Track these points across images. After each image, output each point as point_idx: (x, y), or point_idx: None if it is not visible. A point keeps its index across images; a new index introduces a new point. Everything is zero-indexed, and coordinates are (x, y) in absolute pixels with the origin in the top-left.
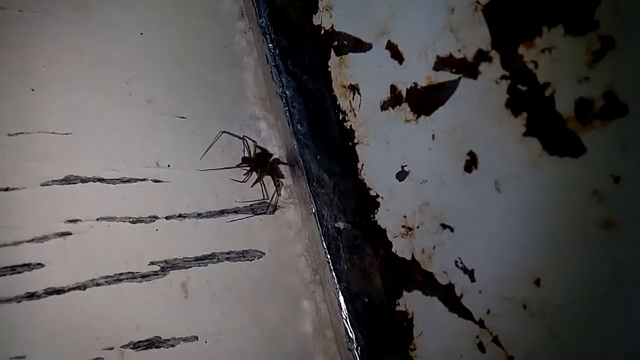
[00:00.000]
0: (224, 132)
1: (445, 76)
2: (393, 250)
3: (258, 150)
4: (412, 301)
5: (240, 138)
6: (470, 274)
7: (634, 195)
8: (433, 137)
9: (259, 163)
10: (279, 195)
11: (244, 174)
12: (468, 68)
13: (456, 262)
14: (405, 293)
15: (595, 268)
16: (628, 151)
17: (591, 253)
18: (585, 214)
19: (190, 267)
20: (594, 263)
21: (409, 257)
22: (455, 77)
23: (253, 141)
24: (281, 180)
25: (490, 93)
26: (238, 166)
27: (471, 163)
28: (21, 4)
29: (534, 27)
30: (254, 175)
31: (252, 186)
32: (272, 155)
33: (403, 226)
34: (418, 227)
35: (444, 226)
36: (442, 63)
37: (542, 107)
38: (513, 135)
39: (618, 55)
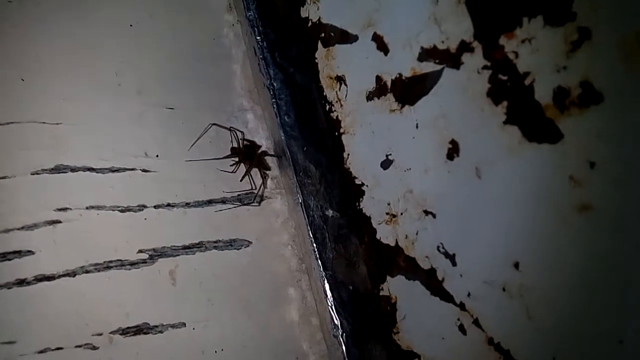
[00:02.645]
0: (213, 124)
1: (429, 67)
2: (377, 236)
3: (246, 142)
4: (396, 286)
5: (227, 129)
6: (452, 258)
7: (608, 180)
8: (417, 126)
9: (247, 155)
10: (265, 187)
11: (231, 165)
12: (451, 59)
13: (438, 247)
14: (388, 278)
15: (572, 251)
16: (603, 137)
17: (568, 236)
18: (562, 199)
19: (178, 255)
20: (570, 246)
21: (392, 243)
22: (438, 67)
23: (241, 132)
24: (267, 172)
25: (472, 83)
26: (226, 157)
27: (453, 151)
28: None
29: (514, 19)
30: (242, 167)
31: (241, 180)
32: (259, 147)
33: (387, 213)
34: (402, 214)
35: (426, 212)
36: (426, 54)
37: (522, 96)
38: (494, 123)
39: (594, 45)
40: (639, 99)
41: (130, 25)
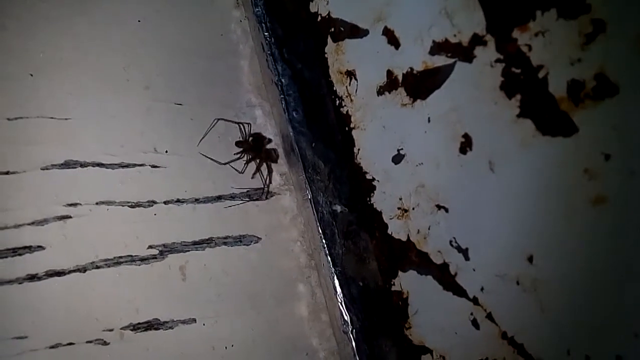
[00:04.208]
0: (219, 119)
1: (440, 60)
2: (389, 231)
3: (253, 136)
4: (407, 281)
5: (235, 123)
6: (465, 252)
7: (623, 172)
8: (429, 120)
9: (254, 148)
10: (270, 181)
11: (235, 154)
12: (463, 52)
13: (451, 241)
14: (400, 273)
15: (586, 243)
16: (618, 130)
17: (582, 229)
18: (576, 191)
19: (188, 251)
20: (585, 239)
21: (404, 238)
22: (450, 61)
23: (248, 124)
24: (273, 165)
25: (485, 76)
26: (236, 154)
27: (466, 145)
28: None
29: (528, 11)
30: (252, 164)
31: (252, 177)
32: (266, 138)
33: (399, 208)
34: (413, 208)
35: (439, 207)
36: (438, 48)
37: (536, 89)
38: (507, 116)
39: (609, 38)
40: None
41: (138, 21)
